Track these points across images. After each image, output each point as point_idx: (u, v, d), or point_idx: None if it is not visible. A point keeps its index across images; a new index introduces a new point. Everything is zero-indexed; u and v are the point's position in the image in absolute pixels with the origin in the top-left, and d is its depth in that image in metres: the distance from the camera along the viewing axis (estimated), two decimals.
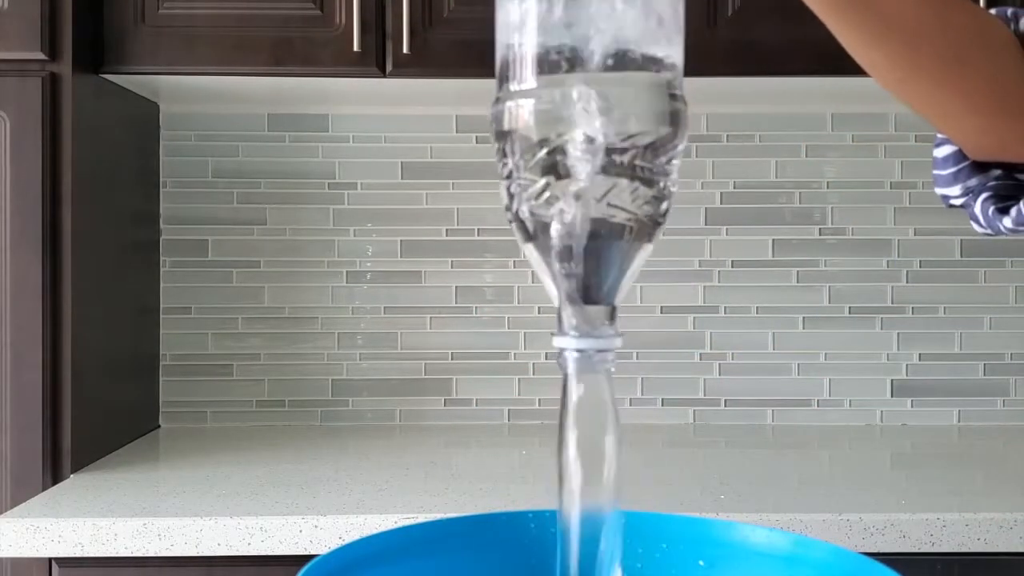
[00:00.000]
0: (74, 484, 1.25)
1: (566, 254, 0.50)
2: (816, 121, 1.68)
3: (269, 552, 1.09)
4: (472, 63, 1.36)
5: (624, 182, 0.49)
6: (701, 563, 0.58)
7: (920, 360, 1.69)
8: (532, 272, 1.69)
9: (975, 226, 0.67)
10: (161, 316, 1.67)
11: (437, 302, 1.69)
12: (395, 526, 0.56)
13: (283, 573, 1.10)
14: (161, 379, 1.67)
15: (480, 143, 1.69)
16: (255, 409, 1.68)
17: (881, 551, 1.07)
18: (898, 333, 1.70)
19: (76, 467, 1.30)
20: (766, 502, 1.15)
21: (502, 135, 0.50)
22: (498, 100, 0.50)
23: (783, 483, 1.27)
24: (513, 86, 0.49)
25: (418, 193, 1.69)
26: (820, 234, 1.70)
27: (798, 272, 1.70)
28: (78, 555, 1.08)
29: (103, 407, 1.41)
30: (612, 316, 0.51)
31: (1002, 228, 0.64)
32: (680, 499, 1.18)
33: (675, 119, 0.50)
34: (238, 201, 1.68)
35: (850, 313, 1.70)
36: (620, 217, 0.50)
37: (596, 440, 0.50)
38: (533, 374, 1.69)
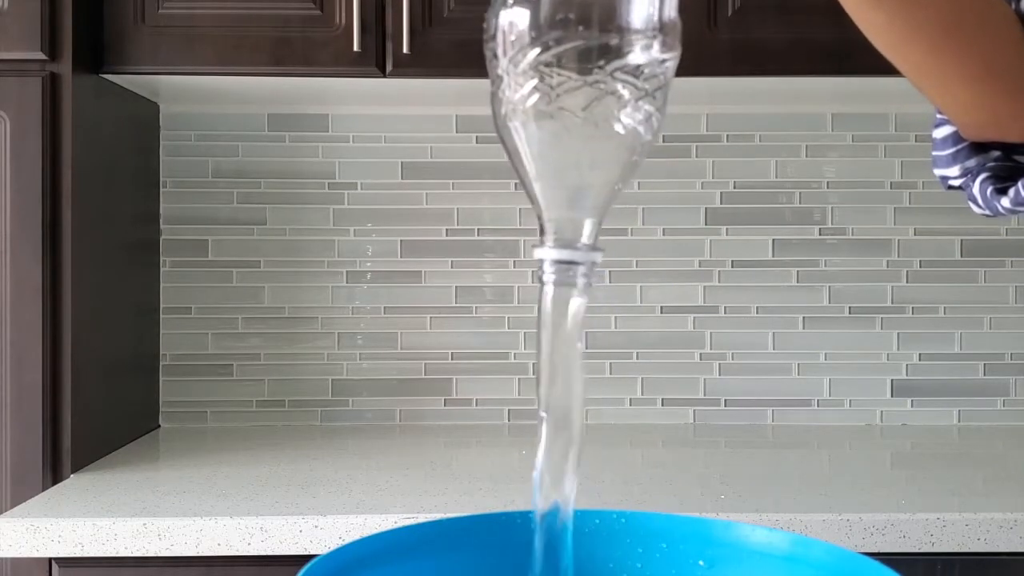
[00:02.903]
0: (74, 484, 1.25)
1: (551, 161, 0.50)
2: (816, 121, 1.68)
3: (269, 552, 1.09)
4: (472, 63, 1.36)
5: (614, 88, 0.49)
6: (701, 563, 0.58)
7: (920, 360, 1.69)
8: (532, 272, 1.69)
9: (973, 207, 0.67)
10: (161, 316, 1.67)
11: (437, 302, 1.69)
12: (395, 526, 0.56)
13: (283, 573, 1.10)
14: (161, 379, 1.67)
15: (480, 143, 1.69)
16: (255, 409, 1.68)
17: (881, 551, 1.07)
18: (898, 333, 1.70)
19: (76, 467, 1.30)
20: (766, 502, 1.15)
21: (493, 37, 0.50)
22: (492, 7, 0.50)
23: (783, 483, 1.27)
24: None
25: (418, 193, 1.69)
26: (820, 234, 1.70)
27: (798, 272, 1.70)
28: (78, 555, 1.08)
29: (103, 407, 1.41)
30: (593, 230, 0.51)
31: (1000, 208, 0.64)
32: (680, 499, 1.17)
33: (666, 28, 0.49)
34: (238, 201, 1.68)
35: (850, 313, 1.70)
36: (608, 126, 0.49)
37: (563, 352, 0.51)
38: (533, 374, 1.69)
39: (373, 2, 1.36)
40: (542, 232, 0.52)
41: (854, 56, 1.31)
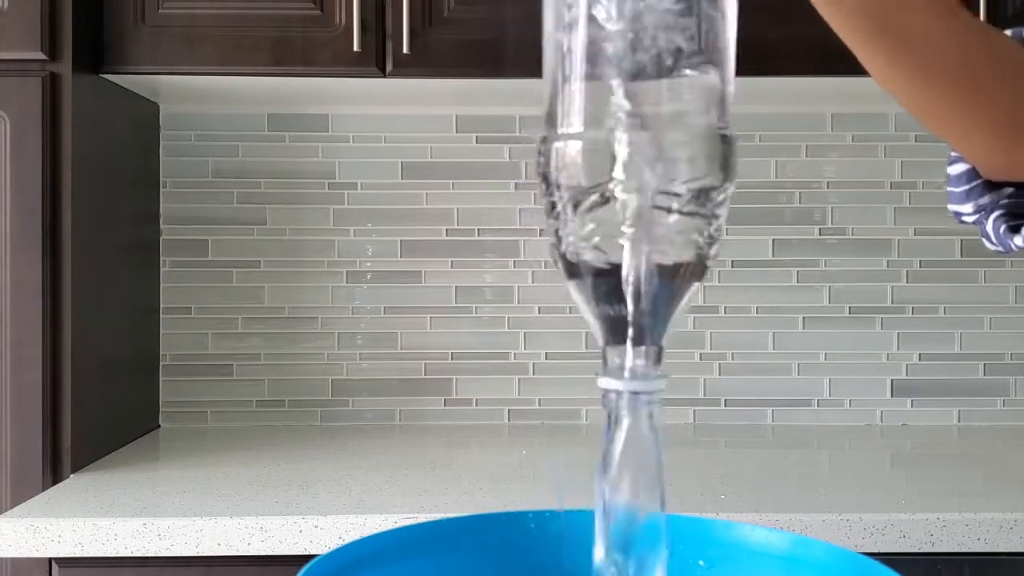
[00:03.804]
0: (74, 484, 1.25)
1: (613, 296, 0.50)
2: (816, 121, 1.68)
3: (269, 552, 1.09)
4: (472, 63, 1.36)
5: (673, 226, 0.49)
6: (701, 563, 0.58)
7: (920, 360, 1.69)
8: (532, 272, 1.69)
9: (987, 243, 0.67)
10: (161, 316, 1.67)
11: (437, 302, 1.69)
12: (395, 526, 0.56)
13: (283, 573, 1.10)
14: (161, 379, 1.67)
15: (480, 143, 1.69)
16: (255, 409, 1.68)
17: (881, 551, 1.07)
18: (898, 333, 1.70)
19: (76, 467, 1.30)
20: (766, 502, 1.15)
21: (549, 176, 0.49)
22: (545, 140, 0.50)
23: (783, 483, 1.27)
24: (561, 128, 0.49)
25: (418, 193, 1.69)
26: (820, 234, 1.70)
27: (798, 272, 1.70)
28: (78, 555, 1.08)
29: (103, 407, 1.41)
30: (659, 357, 0.51)
31: (1013, 246, 0.64)
32: (680, 499, 1.17)
33: (726, 163, 0.50)
34: (238, 201, 1.68)
35: (850, 313, 1.70)
36: (669, 260, 0.50)
37: (640, 481, 0.49)
38: (533, 374, 1.69)
39: (373, 2, 1.36)
40: (604, 360, 0.52)
41: (854, 56, 1.31)
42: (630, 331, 0.51)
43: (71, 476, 1.28)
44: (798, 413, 1.69)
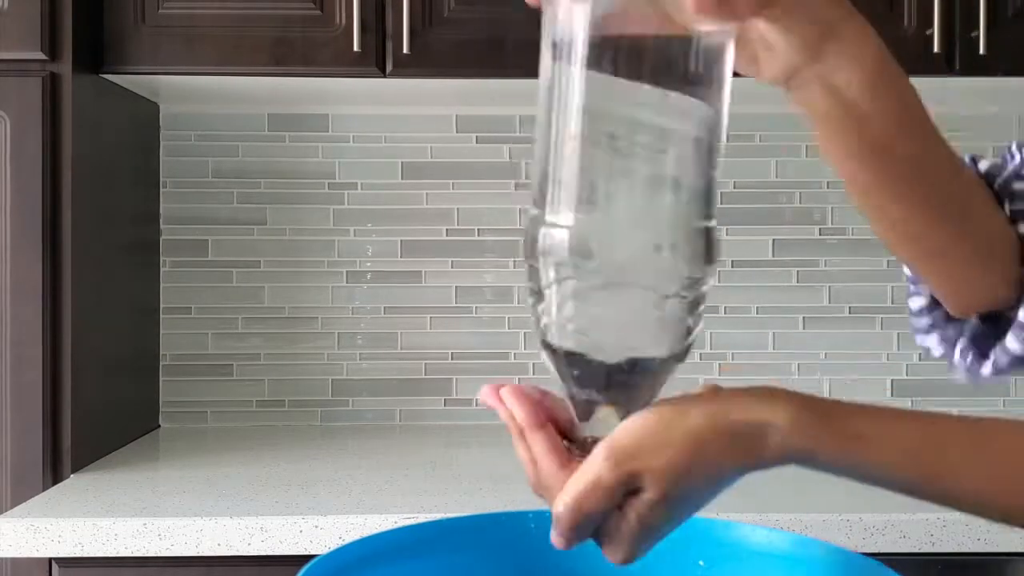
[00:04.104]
0: (74, 484, 1.25)
1: (588, 382, 0.50)
2: None
3: (269, 552, 1.09)
4: (472, 63, 1.36)
5: (651, 319, 0.49)
6: (701, 563, 0.58)
7: (920, 360, 1.69)
8: None
9: (956, 376, 0.67)
10: (161, 316, 1.67)
11: (437, 302, 1.69)
12: (395, 526, 0.56)
13: (283, 573, 1.09)
14: (161, 379, 1.67)
15: (480, 143, 1.69)
16: (255, 409, 1.68)
17: (881, 551, 1.07)
18: (898, 333, 1.70)
19: (76, 467, 1.30)
20: (766, 502, 1.15)
21: (533, 256, 0.49)
22: (534, 220, 0.50)
23: (783, 483, 1.26)
24: (551, 214, 0.49)
25: (418, 193, 1.69)
26: (820, 234, 1.70)
27: (798, 272, 1.70)
28: (78, 555, 1.08)
29: (103, 407, 1.41)
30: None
31: (981, 376, 0.64)
32: None
33: (708, 253, 0.50)
34: (238, 201, 1.68)
35: (850, 313, 1.70)
36: (645, 352, 0.50)
37: None
38: (533, 374, 1.69)
39: (373, 2, 1.35)
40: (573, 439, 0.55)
41: None
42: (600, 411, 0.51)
43: (71, 476, 1.28)
44: None
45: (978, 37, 1.34)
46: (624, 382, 0.51)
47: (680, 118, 0.48)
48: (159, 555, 1.08)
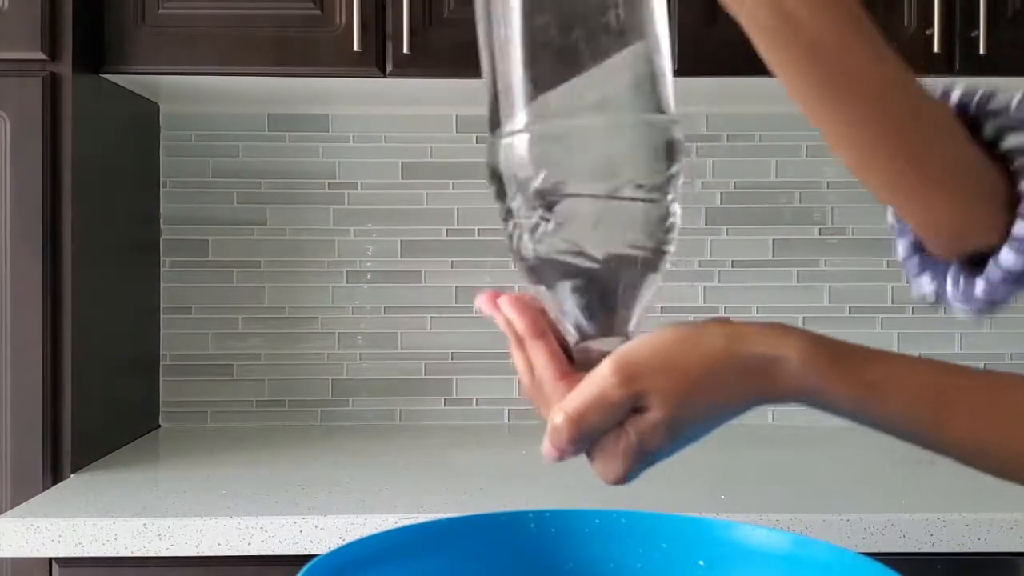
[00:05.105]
0: (74, 484, 1.25)
1: (575, 289, 0.50)
2: None
3: (269, 552, 1.09)
4: (472, 63, 1.35)
5: (623, 214, 0.49)
6: (701, 563, 0.58)
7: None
8: None
9: (956, 309, 0.65)
10: (161, 316, 1.67)
11: (437, 302, 1.69)
12: (395, 526, 0.56)
13: (283, 573, 1.10)
14: (161, 379, 1.67)
15: (480, 143, 1.69)
16: (255, 409, 1.68)
17: (881, 551, 1.07)
18: (898, 333, 1.70)
19: (76, 467, 1.30)
20: (766, 502, 1.15)
21: (497, 175, 0.49)
22: (491, 144, 0.50)
23: (783, 483, 1.26)
24: (507, 126, 0.49)
25: (418, 193, 1.69)
26: (820, 234, 1.70)
27: (798, 272, 1.70)
28: (78, 555, 1.08)
29: (103, 407, 1.41)
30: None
31: (975, 295, 0.62)
32: (680, 499, 1.17)
33: (671, 152, 0.50)
34: (238, 201, 1.68)
35: (850, 313, 1.70)
36: (622, 249, 0.50)
37: None
38: None
39: (373, 2, 1.35)
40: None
41: None
42: (590, 321, 0.51)
43: (71, 476, 1.28)
44: (798, 413, 1.69)
45: (978, 37, 1.34)
46: (602, 282, 0.50)
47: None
48: (159, 555, 1.08)
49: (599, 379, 0.49)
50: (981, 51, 1.34)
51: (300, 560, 1.07)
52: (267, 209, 1.68)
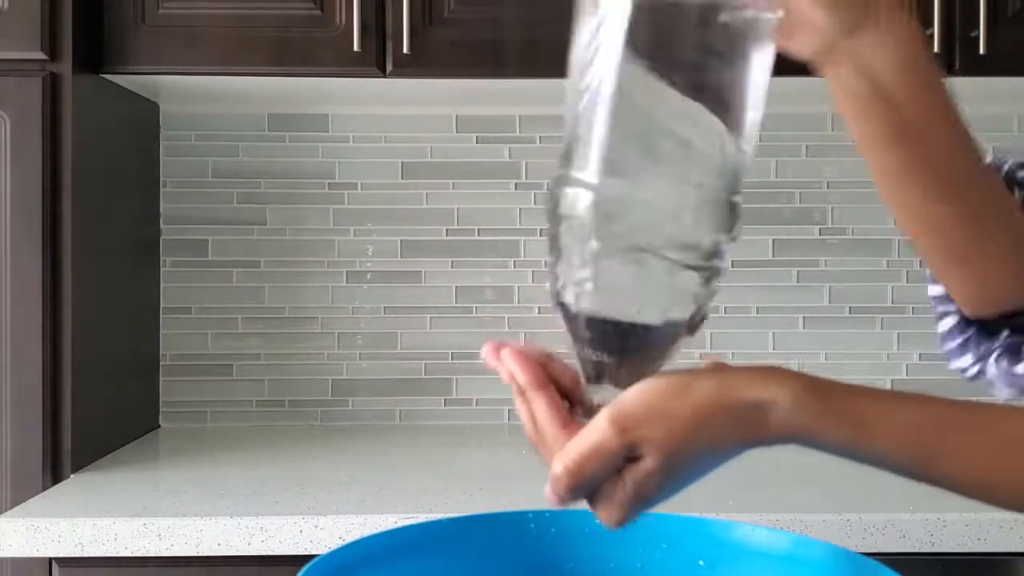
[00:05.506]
0: (74, 484, 1.25)
1: (601, 345, 0.50)
2: (816, 121, 1.68)
3: (269, 552, 1.09)
4: (472, 63, 1.36)
5: (672, 289, 0.49)
6: (701, 563, 0.58)
7: (920, 360, 1.69)
8: (532, 272, 1.69)
9: (996, 392, 0.66)
10: (161, 316, 1.67)
11: (437, 302, 1.69)
12: (395, 526, 0.56)
13: (283, 573, 1.09)
14: (161, 379, 1.67)
15: (480, 143, 1.69)
16: (255, 409, 1.68)
17: (881, 551, 1.07)
18: (898, 333, 1.70)
19: (76, 467, 1.30)
20: (766, 502, 1.15)
21: (556, 216, 0.49)
22: (559, 179, 0.49)
23: (783, 483, 1.26)
24: (576, 170, 0.48)
25: (418, 193, 1.69)
26: (820, 234, 1.70)
27: (798, 272, 1.70)
28: (78, 555, 1.08)
29: (103, 407, 1.41)
30: None
31: (1018, 375, 0.63)
32: (680, 499, 1.17)
33: (730, 225, 0.50)
34: (238, 201, 1.68)
35: (850, 313, 1.70)
36: (659, 321, 0.50)
37: None
38: None
39: (373, 2, 1.35)
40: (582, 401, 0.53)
41: None
42: (603, 374, 0.51)
43: (71, 476, 1.28)
44: None
45: (978, 37, 1.34)
46: (635, 346, 0.51)
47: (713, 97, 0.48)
48: (159, 555, 1.08)
49: (596, 431, 0.51)
50: (981, 51, 1.34)
51: (300, 560, 1.06)
52: (267, 209, 1.68)
